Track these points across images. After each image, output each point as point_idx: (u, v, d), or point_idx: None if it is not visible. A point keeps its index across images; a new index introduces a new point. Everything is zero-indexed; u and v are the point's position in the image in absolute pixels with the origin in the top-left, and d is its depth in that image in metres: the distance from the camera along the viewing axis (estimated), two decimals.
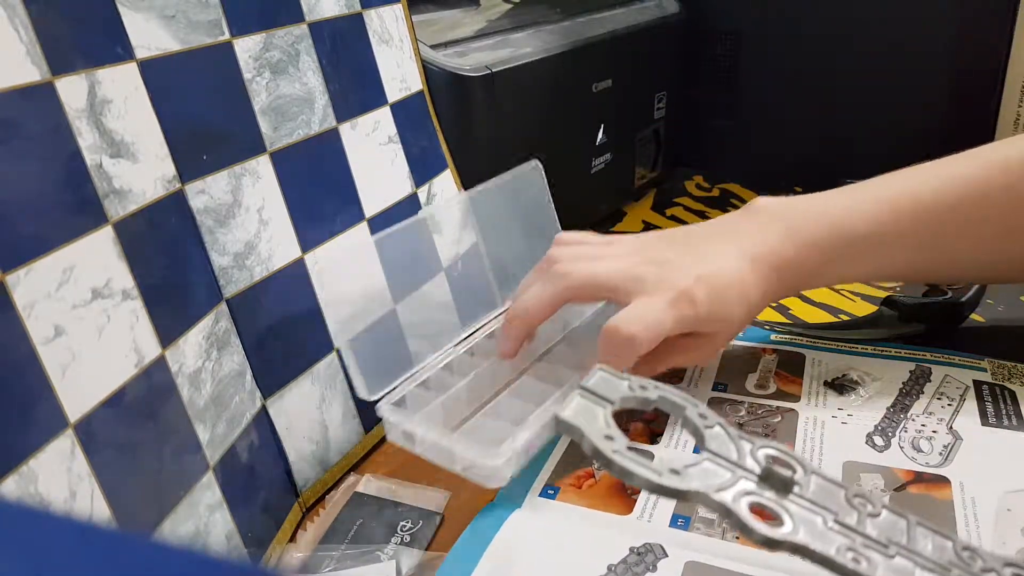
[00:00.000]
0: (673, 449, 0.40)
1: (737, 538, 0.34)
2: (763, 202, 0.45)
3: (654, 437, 0.42)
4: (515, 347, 0.45)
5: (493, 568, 0.34)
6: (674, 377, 0.47)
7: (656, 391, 0.26)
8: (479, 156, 0.56)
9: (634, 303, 0.40)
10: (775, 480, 0.23)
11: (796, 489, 0.23)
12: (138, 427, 0.31)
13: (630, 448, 0.24)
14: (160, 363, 0.33)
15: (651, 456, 0.39)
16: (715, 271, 0.41)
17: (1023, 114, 0.70)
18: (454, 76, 0.54)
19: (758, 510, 0.23)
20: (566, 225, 0.53)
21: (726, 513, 0.22)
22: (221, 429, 0.36)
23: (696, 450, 0.26)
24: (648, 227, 0.74)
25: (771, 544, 0.22)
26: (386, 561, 0.36)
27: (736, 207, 0.78)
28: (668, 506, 0.37)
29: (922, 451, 0.40)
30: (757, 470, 0.23)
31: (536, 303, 0.43)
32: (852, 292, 0.59)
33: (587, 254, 0.44)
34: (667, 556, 0.34)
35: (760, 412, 0.44)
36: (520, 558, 0.35)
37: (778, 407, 0.44)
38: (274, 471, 0.39)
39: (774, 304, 0.58)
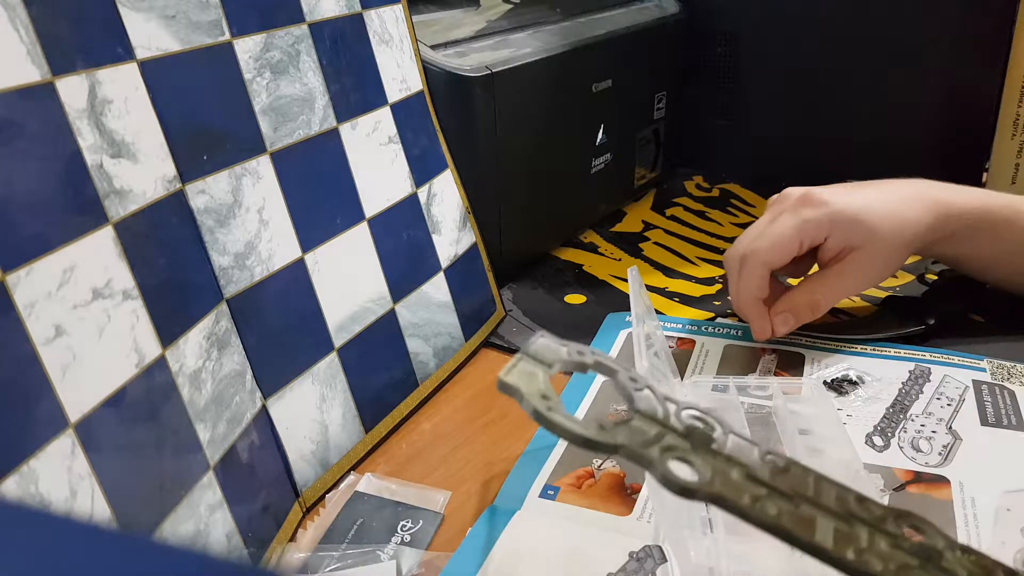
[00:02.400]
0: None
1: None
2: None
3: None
4: (765, 319, 0.48)
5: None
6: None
7: (592, 356, 0.28)
8: (479, 156, 0.56)
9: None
10: (696, 437, 0.25)
11: (714, 446, 0.25)
12: (138, 427, 0.31)
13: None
14: (160, 363, 0.33)
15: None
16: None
17: (1023, 114, 0.70)
18: (454, 76, 0.54)
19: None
20: (565, 225, 0.53)
21: (649, 464, 0.24)
22: (221, 429, 0.36)
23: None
24: (648, 227, 0.74)
25: (690, 493, 0.23)
26: (386, 561, 0.36)
27: (736, 207, 0.78)
28: None
29: (921, 451, 0.40)
30: (680, 428, 0.25)
31: (771, 242, 0.47)
32: None
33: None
34: (666, 561, 0.34)
35: (760, 412, 0.44)
36: (521, 566, 0.35)
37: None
38: (274, 471, 0.39)
39: None
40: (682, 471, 0.24)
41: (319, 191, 0.43)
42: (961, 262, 0.53)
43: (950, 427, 0.41)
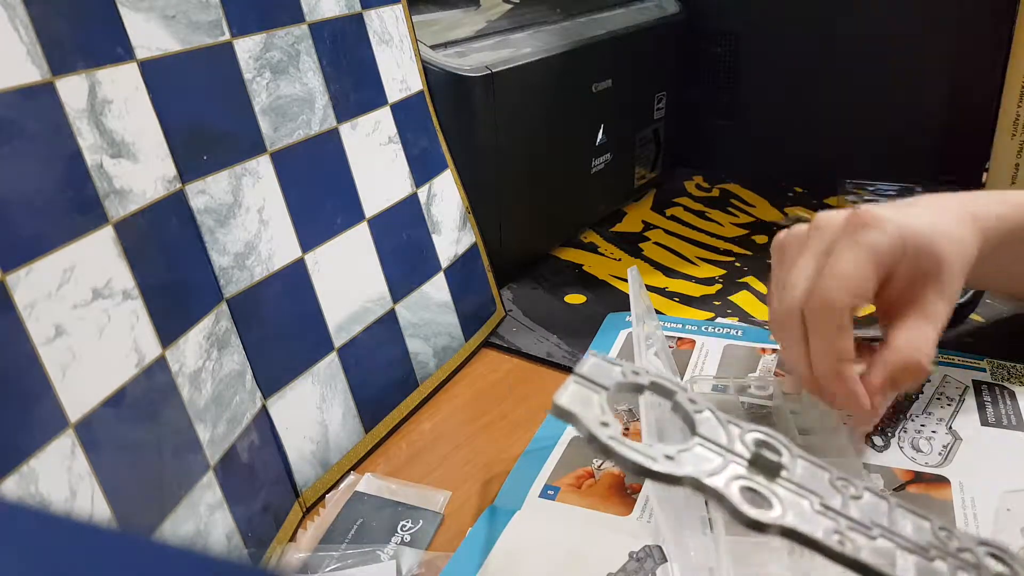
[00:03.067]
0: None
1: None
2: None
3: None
4: (863, 395, 0.35)
5: None
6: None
7: (648, 376, 0.26)
8: (479, 156, 0.56)
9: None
10: (764, 464, 0.24)
11: (784, 473, 0.24)
12: (138, 427, 0.31)
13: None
14: (160, 363, 0.33)
15: None
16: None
17: (1023, 114, 0.70)
18: (454, 76, 0.54)
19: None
20: (565, 225, 0.53)
21: (718, 498, 0.23)
22: (221, 429, 0.36)
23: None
24: (648, 227, 0.74)
25: (761, 527, 0.22)
26: (386, 561, 0.36)
27: (736, 207, 0.78)
28: None
29: (921, 451, 0.40)
30: (746, 455, 0.24)
31: (845, 279, 0.35)
32: None
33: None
34: (666, 561, 0.34)
35: (760, 412, 0.44)
36: (521, 566, 0.35)
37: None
38: (274, 471, 0.39)
39: None
40: (752, 503, 0.22)
41: (319, 191, 0.43)
42: (988, 281, 0.46)
43: (950, 427, 0.41)
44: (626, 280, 0.47)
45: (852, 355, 0.35)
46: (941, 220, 0.38)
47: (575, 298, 0.61)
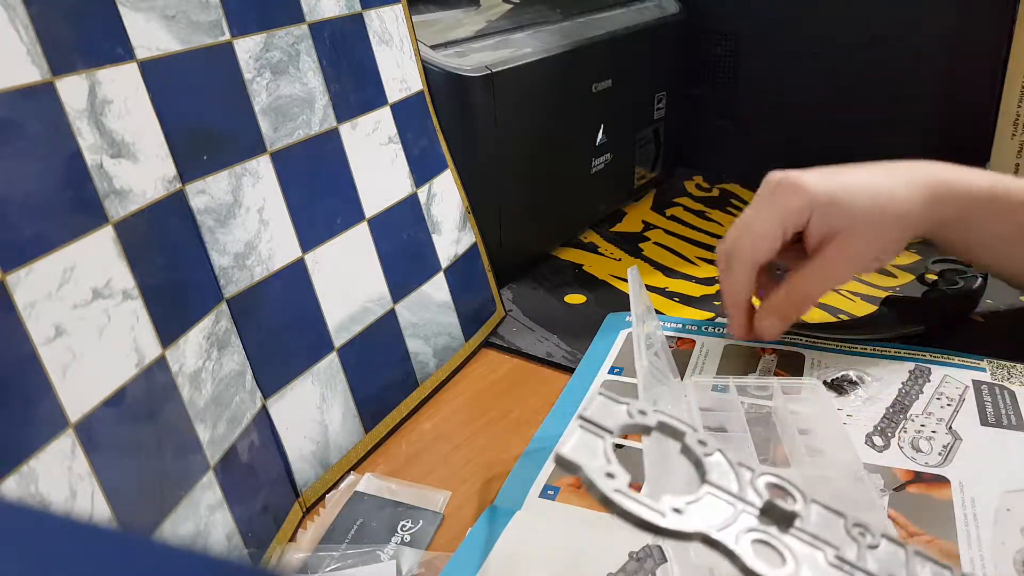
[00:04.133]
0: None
1: None
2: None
3: None
4: (744, 318, 0.46)
5: None
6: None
7: (655, 416, 0.26)
8: (479, 156, 0.56)
9: None
10: (777, 514, 0.23)
11: (797, 522, 0.23)
12: (138, 427, 0.31)
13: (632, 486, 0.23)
14: (160, 363, 0.33)
15: None
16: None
17: (1023, 114, 0.70)
18: (454, 76, 0.54)
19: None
20: (565, 225, 0.53)
21: (729, 555, 0.22)
22: (221, 429, 0.36)
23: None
24: (648, 227, 0.74)
25: None
26: (386, 561, 0.36)
27: (736, 207, 0.78)
28: None
29: (921, 451, 0.40)
30: (758, 503, 0.23)
31: (752, 236, 0.44)
32: (852, 292, 0.59)
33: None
34: (666, 561, 0.34)
35: (760, 412, 0.44)
36: (521, 566, 0.35)
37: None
38: (274, 471, 0.39)
39: None
40: (764, 558, 0.21)
41: (319, 191, 0.43)
42: (973, 250, 0.49)
43: (950, 427, 0.41)
44: (626, 280, 0.47)
45: (750, 292, 0.46)
46: (877, 181, 0.44)
47: (575, 298, 0.61)
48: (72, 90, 0.30)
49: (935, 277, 0.58)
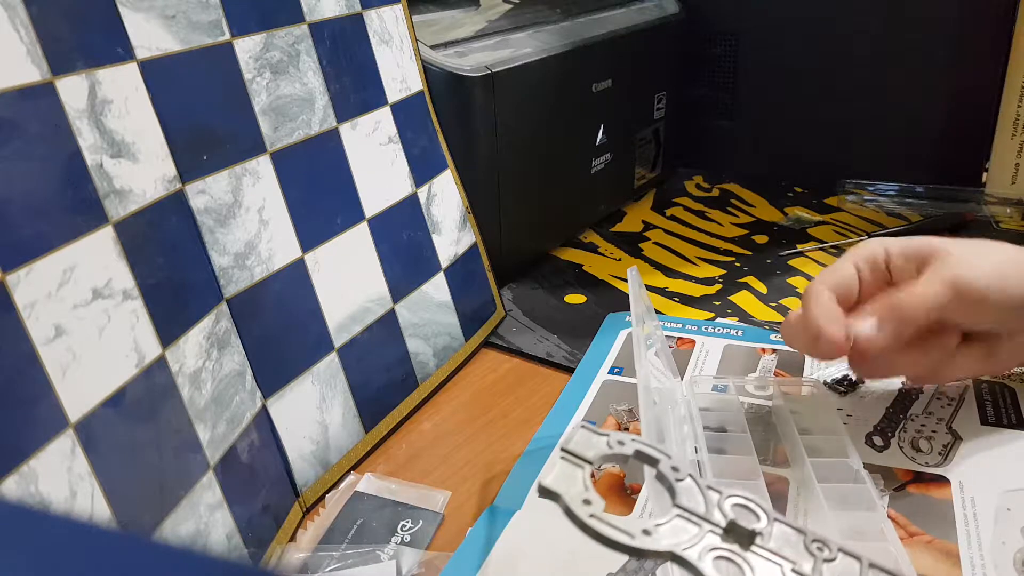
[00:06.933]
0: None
1: None
2: None
3: None
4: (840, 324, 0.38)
5: None
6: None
7: (632, 445, 0.28)
8: (479, 156, 0.56)
9: None
10: (738, 532, 0.24)
11: (758, 540, 0.24)
12: (138, 427, 0.31)
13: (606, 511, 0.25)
14: (160, 363, 0.33)
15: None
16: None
17: (1023, 114, 0.70)
18: (454, 76, 0.54)
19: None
20: (565, 225, 0.53)
21: (692, 569, 0.23)
22: (221, 429, 0.36)
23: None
24: (648, 227, 0.74)
25: None
26: (386, 561, 0.36)
27: (736, 207, 0.78)
28: None
29: (921, 451, 0.40)
30: (723, 522, 0.25)
31: (828, 272, 0.41)
32: None
33: None
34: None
35: (760, 412, 0.44)
36: (521, 566, 0.35)
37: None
38: (274, 471, 0.39)
39: (773, 303, 0.58)
40: (725, 574, 0.23)
41: (319, 191, 0.43)
42: None
43: (950, 427, 0.41)
44: (626, 280, 0.47)
45: (820, 320, 0.39)
46: (968, 246, 0.39)
47: (575, 298, 0.61)
48: (72, 90, 0.30)
49: None
